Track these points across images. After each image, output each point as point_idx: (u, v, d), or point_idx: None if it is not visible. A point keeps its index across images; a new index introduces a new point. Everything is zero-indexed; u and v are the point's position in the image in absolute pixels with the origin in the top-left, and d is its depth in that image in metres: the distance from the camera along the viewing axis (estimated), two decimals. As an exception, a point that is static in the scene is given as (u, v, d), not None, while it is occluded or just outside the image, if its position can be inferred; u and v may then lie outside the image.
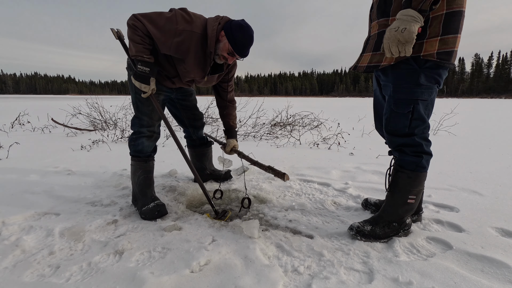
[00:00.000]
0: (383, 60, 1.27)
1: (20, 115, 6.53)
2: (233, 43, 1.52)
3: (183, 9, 1.56)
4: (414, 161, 1.33)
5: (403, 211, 1.39)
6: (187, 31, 1.48)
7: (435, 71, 1.22)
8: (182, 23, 1.48)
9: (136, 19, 1.47)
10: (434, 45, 1.17)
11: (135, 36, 1.48)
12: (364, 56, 1.37)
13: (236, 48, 1.53)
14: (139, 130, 1.72)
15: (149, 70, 1.54)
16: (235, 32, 1.50)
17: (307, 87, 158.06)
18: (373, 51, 1.32)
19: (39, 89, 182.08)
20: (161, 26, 1.47)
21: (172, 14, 1.50)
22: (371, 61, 1.32)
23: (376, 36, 1.31)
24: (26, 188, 2.08)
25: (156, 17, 1.49)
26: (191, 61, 1.57)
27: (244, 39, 1.52)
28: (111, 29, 1.63)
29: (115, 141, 4.23)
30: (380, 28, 1.28)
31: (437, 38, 1.16)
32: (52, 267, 1.17)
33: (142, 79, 1.54)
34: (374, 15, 1.32)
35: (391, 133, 1.36)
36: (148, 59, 1.53)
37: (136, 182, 1.74)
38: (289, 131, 5.08)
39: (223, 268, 1.16)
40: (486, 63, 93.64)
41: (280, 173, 1.53)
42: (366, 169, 2.67)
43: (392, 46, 1.12)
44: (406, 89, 1.25)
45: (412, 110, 1.26)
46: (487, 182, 2.26)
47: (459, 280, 1.08)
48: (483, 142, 4.18)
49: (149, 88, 1.57)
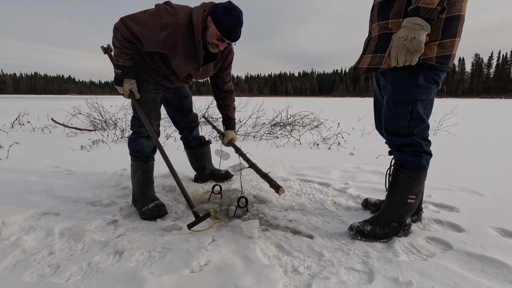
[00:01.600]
0: (382, 63, 1.27)
1: (20, 115, 6.54)
2: (220, 27, 1.46)
3: (166, 2, 1.54)
4: (414, 161, 1.33)
5: (403, 211, 1.39)
6: (171, 23, 1.46)
7: (434, 72, 1.23)
8: (166, 16, 1.46)
9: (121, 22, 1.49)
10: (433, 49, 1.18)
11: (114, 40, 1.53)
12: (364, 57, 1.37)
13: (224, 32, 1.47)
14: (138, 131, 1.72)
15: (121, 72, 1.59)
16: (220, 15, 1.44)
17: (307, 87, 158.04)
18: (373, 53, 1.32)
19: (39, 89, 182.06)
20: (146, 23, 1.47)
21: (155, 9, 1.49)
22: (371, 63, 1.32)
23: (377, 38, 1.31)
24: (26, 188, 2.08)
25: (140, 16, 1.49)
26: (182, 54, 1.55)
27: (231, 22, 1.45)
28: (101, 47, 1.83)
29: (115, 141, 4.23)
30: (381, 31, 1.29)
31: (436, 43, 1.18)
32: (52, 267, 1.17)
33: (116, 81, 1.62)
34: (375, 17, 1.32)
35: (390, 133, 1.37)
36: (122, 63, 1.58)
37: (136, 182, 1.74)
38: (289, 131, 5.08)
39: (223, 268, 1.16)
40: (486, 63, 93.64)
41: (275, 184, 1.53)
42: (366, 169, 2.67)
43: (400, 55, 1.12)
44: (404, 89, 1.26)
45: (411, 110, 1.27)
46: (487, 182, 2.26)
47: (459, 280, 1.08)
48: (483, 142, 4.18)
49: (123, 89, 1.62)
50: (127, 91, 1.64)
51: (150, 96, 1.72)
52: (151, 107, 1.73)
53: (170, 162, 1.62)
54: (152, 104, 1.74)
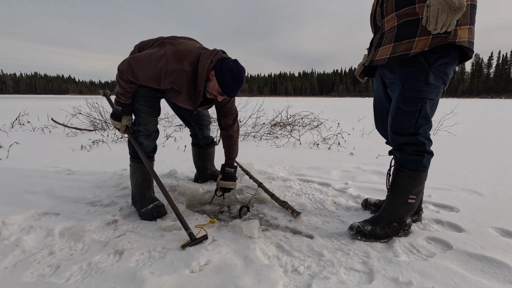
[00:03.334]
0: (413, 48, 1.19)
1: (20, 115, 6.54)
2: (222, 86, 1.49)
3: (173, 44, 1.52)
4: (416, 161, 1.33)
5: (404, 211, 1.39)
6: (177, 70, 1.46)
7: (444, 70, 1.22)
8: (173, 62, 1.46)
9: (127, 65, 1.51)
10: (466, 33, 1.17)
11: (119, 79, 1.58)
12: (381, 49, 1.31)
13: (225, 91, 1.51)
14: (137, 129, 1.71)
15: (121, 110, 1.65)
16: (225, 75, 1.46)
17: (307, 87, 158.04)
18: (396, 42, 1.25)
19: (39, 89, 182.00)
20: (152, 68, 1.47)
21: (162, 53, 1.48)
22: (395, 52, 1.25)
23: (396, 28, 1.25)
24: (26, 188, 2.08)
25: (146, 60, 1.49)
26: (182, 97, 1.58)
27: (233, 84, 1.49)
28: (99, 91, 2.05)
29: (115, 141, 4.23)
30: (401, 19, 1.23)
31: (467, 27, 1.17)
32: (52, 267, 1.17)
33: (114, 116, 1.67)
34: (390, 9, 1.26)
35: (396, 132, 1.35)
36: (124, 101, 1.63)
37: (135, 184, 1.73)
38: (289, 131, 5.08)
39: (223, 268, 1.16)
40: (486, 63, 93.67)
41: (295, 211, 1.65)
42: (366, 169, 2.67)
43: (442, 13, 1.04)
44: (415, 87, 1.24)
45: (420, 108, 1.26)
46: (487, 182, 2.26)
47: (459, 280, 1.08)
48: (483, 142, 4.18)
49: (120, 124, 1.68)
50: (123, 127, 1.69)
51: (149, 93, 1.70)
52: (150, 104, 1.70)
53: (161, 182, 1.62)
54: (151, 100, 1.71)
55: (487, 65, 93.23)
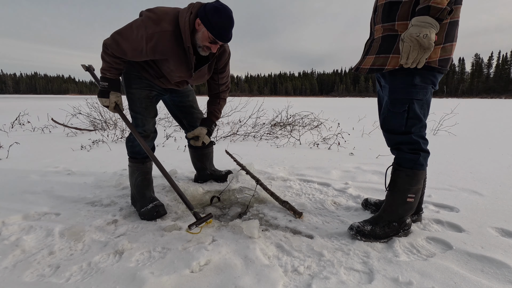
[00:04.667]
0: (387, 64, 1.28)
1: (20, 115, 6.54)
2: (211, 29, 1.40)
3: (150, 10, 1.48)
4: (412, 159, 1.35)
5: (403, 211, 1.39)
6: (157, 33, 1.41)
7: (431, 73, 1.25)
8: (151, 26, 1.41)
9: (111, 38, 1.49)
10: (437, 53, 1.21)
11: (104, 55, 1.54)
12: (367, 58, 1.37)
13: (216, 34, 1.41)
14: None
15: (107, 85, 1.58)
16: (211, 17, 1.38)
17: (307, 87, 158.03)
18: (377, 54, 1.32)
19: (39, 89, 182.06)
20: (133, 37, 1.45)
21: (140, 20, 1.46)
22: (374, 64, 1.33)
23: (380, 40, 1.31)
24: (26, 188, 2.08)
25: (128, 30, 1.47)
26: (172, 61, 1.52)
27: (223, 22, 1.39)
28: (81, 65, 1.93)
29: (115, 141, 4.23)
30: (385, 32, 1.29)
31: (440, 46, 1.21)
32: (52, 267, 1.17)
33: (102, 93, 1.60)
34: (379, 19, 1.31)
35: (388, 131, 1.40)
36: (110, 76, 1.58)
37: (134, 184, 1.73)
38: (289, 131, 5.08)
39: (223, 268, 1.16)
40: (486, 63, 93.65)
41: (296, 211, 1.65)
42: (366, 169, 2.67)
43: (413, 51, 1.10)
44: (401, 89, 1.29)
45: (407, 109, 1.30)
46: (487, 182, 2.26)
47: (459, 280, 1.08)
48: (483, 142, 4.18)
49: (109, 101, 1.61)
50: (112, 103, 1.62)
51: (143, 94, 1.68)
52: (146, 105, 1.69)
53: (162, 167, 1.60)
54: (147, 101, 1.70)
55: (487, 65, 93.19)
